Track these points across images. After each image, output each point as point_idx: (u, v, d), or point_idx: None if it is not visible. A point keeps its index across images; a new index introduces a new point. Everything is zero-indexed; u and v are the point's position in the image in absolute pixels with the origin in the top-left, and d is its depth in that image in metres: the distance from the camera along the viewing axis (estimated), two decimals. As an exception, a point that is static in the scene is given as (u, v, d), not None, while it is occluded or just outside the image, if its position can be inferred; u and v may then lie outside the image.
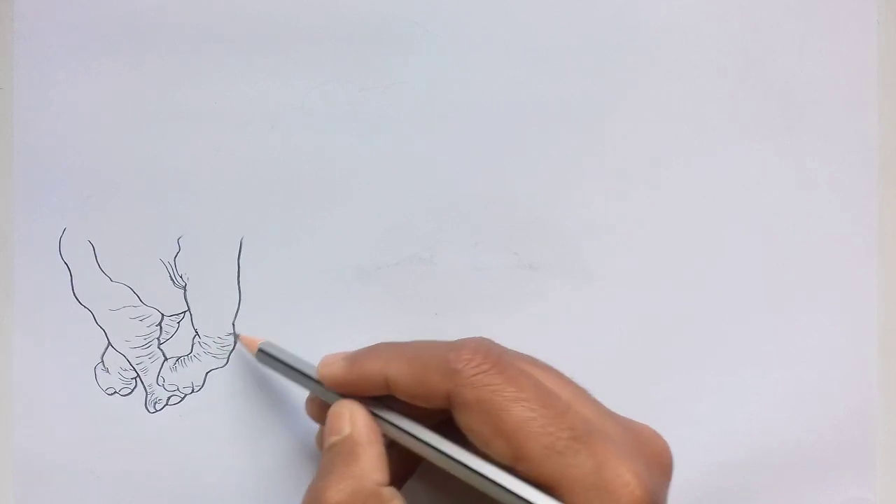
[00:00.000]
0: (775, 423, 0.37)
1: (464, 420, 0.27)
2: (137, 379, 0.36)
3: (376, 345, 0.31)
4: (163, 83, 0.36)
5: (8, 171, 0.36)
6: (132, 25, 0.36)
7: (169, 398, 0.36)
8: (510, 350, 0.29)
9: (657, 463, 0.28)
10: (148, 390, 0.36)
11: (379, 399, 0.30)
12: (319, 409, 0.32)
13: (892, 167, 0.37)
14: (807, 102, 0.37)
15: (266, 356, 0.33)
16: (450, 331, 0.35)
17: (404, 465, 0.31)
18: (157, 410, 0.36)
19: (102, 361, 0.36)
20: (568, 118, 0.36)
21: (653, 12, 0.37)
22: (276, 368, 0.33)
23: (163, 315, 0.36)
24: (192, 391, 0.36)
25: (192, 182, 0.36)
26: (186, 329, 0.36)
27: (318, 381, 0.31)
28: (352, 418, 0.29)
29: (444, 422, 0.29)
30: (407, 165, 0.36)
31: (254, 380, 0.36)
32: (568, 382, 0.29)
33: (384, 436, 0.30)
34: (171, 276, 0.36)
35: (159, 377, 0.36)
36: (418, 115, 0.36)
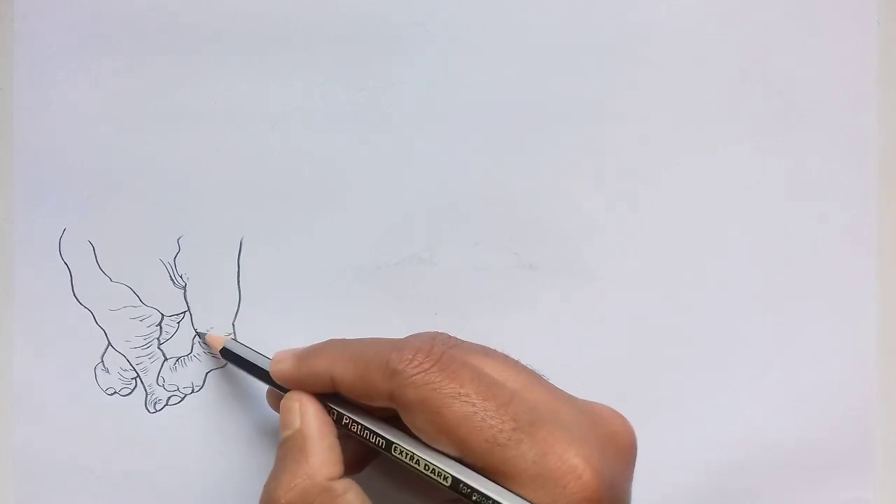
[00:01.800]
0: (775, 423, 0.37)
1: (409, 419, 0.27)
2: (137, 379, 0.36)
3: (325, 342, 0.31)
4: (163, 83, 0.36)
5: (8, 171, 0.36)
6: (132, 25, 0.36)
7: (169, 398, 0.36)
8: (462, 342, 0.29)
9: (614, 445, 0.27)
10: (148, 390, 0.36)
11: (331, 396, 0.30)
12: (277, 401, 0.32)
13: (892, 167, 0.37)
14: (807, 102, 0.37)
15: (229, 354, 0.34)
16: (450, 331, 0.35)
17: (364, 448, 0.31)
18: (157, 410, 0.36)
19: (102, 361, 0.36)
20: (568, 118, 0.36)
21: (653, 12, 0.37)
22: (239, 365, 0.34)
23: (163, 315, 0.36)
24: (192, 391, 0.36)
25: (192, 182, 0.36)
26: (186, 329, 0.36)
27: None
28: (302, 411, 0.30)
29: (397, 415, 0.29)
30: (407, 165, 0.36)
31: (254, 380, 0.36)
32: (520, 370, 0.28)
33: (340, 425, 0.30)
34: (171, 276, 0.36)
35: (159, 377, 0.36)
36: (418, 115, 0.36)
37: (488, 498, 0.26)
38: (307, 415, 0.29)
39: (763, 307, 0.37)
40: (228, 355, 0.34)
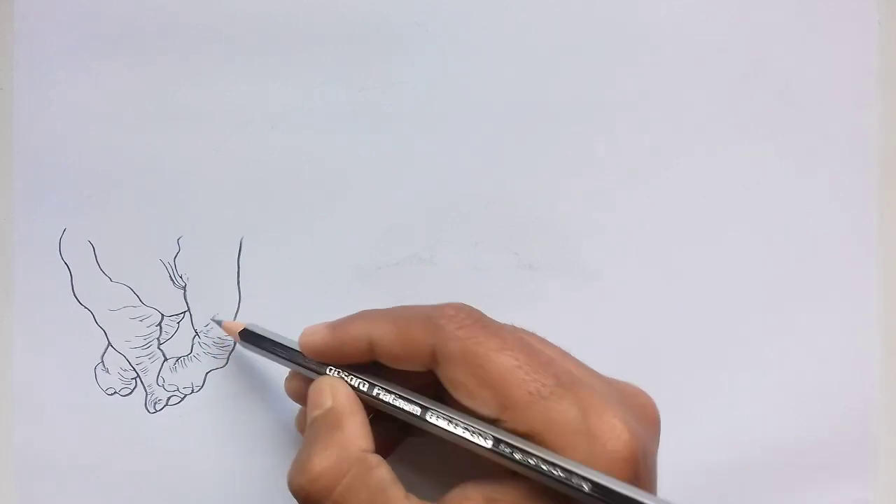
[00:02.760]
0: (775, 424, 0.37)
1: (449, 374, 0.27)
2: (137, 379, 0.36)
3: (359, 312, 0.31)
4: (163, 83, 0.36)
5: (8, 171, 0.36)
6: (132, 25, 0.36)
7: (169, 398, 0.36)
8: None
9: (644, 415, 0.28)
10: (148, 390, 0.36)
11: (362, 372, 0.30)
12: (299, 387, 0.31)
13: (893, 167, 0.37)
14: (807, 102, 0.37)
15: (249, 338, 0.33)
16: (450, 331, 0.35)
17: (390, 436, 0.31)
18: (157, 410, 0.36)
19: (102, 361, 0.36)
20: (568, 118, 0.36)
21: (653, 12, 0.37)
22: (259, 350, 0.32)
23: (163, 315, 0.36)
24: (192, 391, 0.36)
25: (192, 182, 0.36)
26: (186, 329, 0.36)
27: (301, 356, 0.31)
28: (333, 391, 0.29)
29: (427, 389, 0.29)
30: (407, 165, 0.36)
31: (254, 380, 0.36)
32: (550, 343, 0.29)
33: (368, 407, 0.29)
34: (171, 276, 0.36)
35: (159, 377, 0.36)
36: (418, 115, 0.36)
37: (530, 454, 0.25)
38: (339, 394, 0.29)
39: (763, 307, 0.37)
40: (249, 337, 0.33)
